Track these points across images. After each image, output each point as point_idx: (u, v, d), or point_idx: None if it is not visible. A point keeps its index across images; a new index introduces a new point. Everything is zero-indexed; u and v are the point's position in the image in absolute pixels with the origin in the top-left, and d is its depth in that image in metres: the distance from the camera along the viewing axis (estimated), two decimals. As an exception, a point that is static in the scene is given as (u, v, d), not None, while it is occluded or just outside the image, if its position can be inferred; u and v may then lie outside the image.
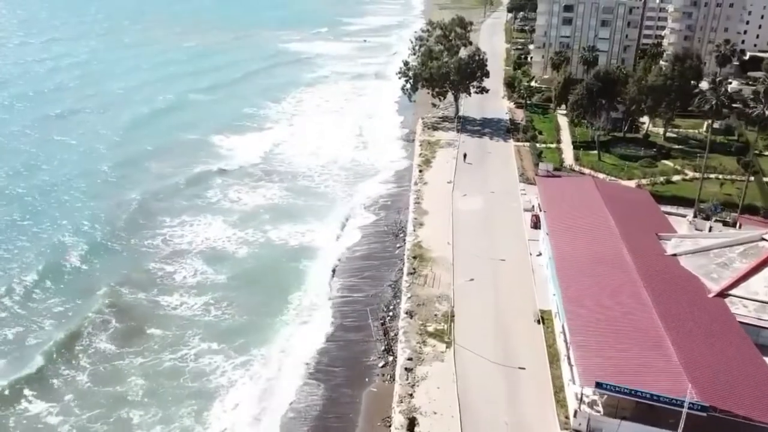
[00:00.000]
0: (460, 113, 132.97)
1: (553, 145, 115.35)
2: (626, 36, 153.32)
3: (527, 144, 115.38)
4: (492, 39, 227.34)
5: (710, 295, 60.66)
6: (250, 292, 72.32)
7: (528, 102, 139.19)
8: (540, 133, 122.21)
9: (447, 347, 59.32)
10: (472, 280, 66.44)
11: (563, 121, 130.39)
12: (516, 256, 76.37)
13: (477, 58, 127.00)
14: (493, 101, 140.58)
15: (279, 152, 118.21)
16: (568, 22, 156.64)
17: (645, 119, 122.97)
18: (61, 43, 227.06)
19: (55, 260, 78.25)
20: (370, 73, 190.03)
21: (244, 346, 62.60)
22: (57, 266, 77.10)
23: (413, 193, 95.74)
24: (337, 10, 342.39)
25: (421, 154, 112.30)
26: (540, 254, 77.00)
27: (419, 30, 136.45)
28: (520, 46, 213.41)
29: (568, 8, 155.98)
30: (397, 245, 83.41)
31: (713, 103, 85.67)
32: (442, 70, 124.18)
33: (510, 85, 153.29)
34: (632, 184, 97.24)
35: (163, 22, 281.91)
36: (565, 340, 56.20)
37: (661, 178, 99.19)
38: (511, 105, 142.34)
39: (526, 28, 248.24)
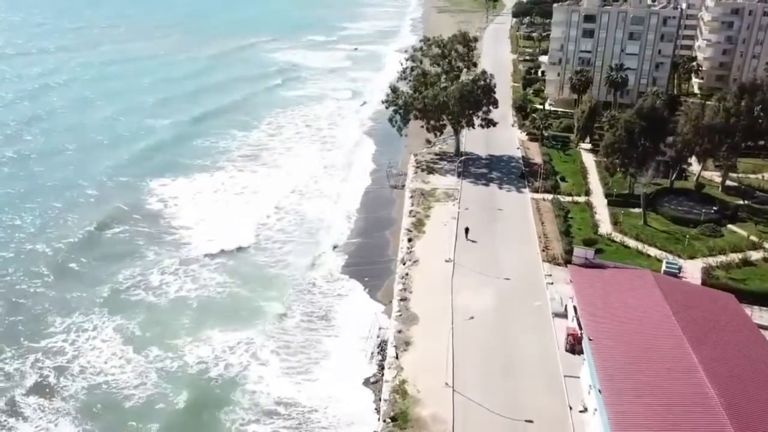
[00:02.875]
0: (462, 149, 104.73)
1: (582, 199, 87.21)
2: (659, 51, 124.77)
3: (548, 197, 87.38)
4: (497, 48, 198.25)
5: None
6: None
7: (545, 135, 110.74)
8: (563, 179, 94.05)
9: None
10: None
11: (589, 160, 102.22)
12: (549, 411, 48.80)
13: (482, 82, 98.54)
14: (501, 130, 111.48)
15: (231, 206, 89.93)
16: (589, 34, 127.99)
17: (692, 160, 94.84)
18: (47, 55, 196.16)
19: None
20: (360, 89, 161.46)
21: None
22: None
23: (399, 279, 67.67)
24: (332, 13, 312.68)
25: (411, 211, 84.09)
26: (585, 410, 49.17)
27: (410, 48, 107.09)
28: (528, 57, 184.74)
29: (589, 18, 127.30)
30: (372, 378, 55.43)
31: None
32: (440, 98, 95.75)
33: (521, 109, 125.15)
34: (697, 266, 69.28)
35: (163, 29, 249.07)
36: None
37: (736, 258, 71.05)
38: (524, 137, 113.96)
39: (534, 35, 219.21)
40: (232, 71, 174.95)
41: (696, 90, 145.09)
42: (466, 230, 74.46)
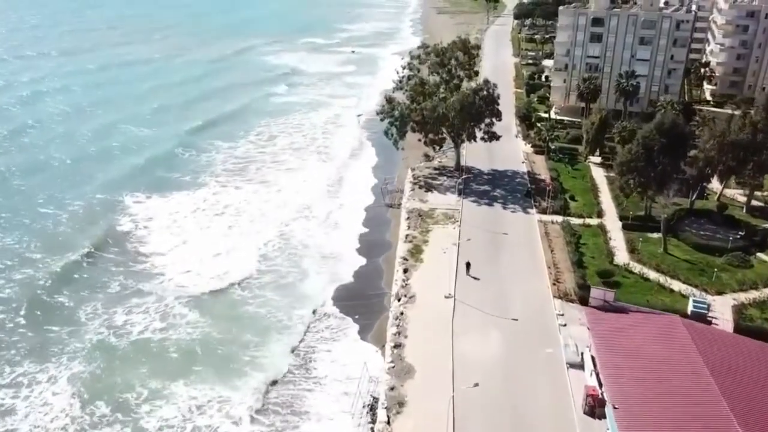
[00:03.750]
0: (463, 163, 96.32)
1: (594, 221, 78.76)
2: (671, 57, 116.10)
3: (557, 219, 78.90)
4: (498, 51, 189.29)
5: None
6: None
7: (551, 147, 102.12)
8: (572, 198, 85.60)
9: None
10: None
11: (599, 175, 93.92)
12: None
13: (485, 92, 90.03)
14: (505, 142, 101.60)
15: (212, 230, 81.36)
16: (597, 39, 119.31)
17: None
18: (41, 60, 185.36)
19: None
20: (357, 95, 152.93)
21: None
22: None
23: (393, 321, 59.30)
24: (332, 15, 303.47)
25: (408, 236, 75.59)
26: (611, 496, 40.87)
27: (407, 55, 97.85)
28: (531, 60, 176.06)
29: (597, 22, 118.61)
30: (358, 450, 47.07)
31: None
32: (439, 110, 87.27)
33: (525, 118, 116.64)
34: (727, 303, 60.90)
35: (162, 30, 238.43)
36: None
37: (771, 293, 62.64)
38: (528, 149, 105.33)
39: (536, 37, 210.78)
40: (229, 77, 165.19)
41: (708, 97, 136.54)
42: (468, 265, 65.51)
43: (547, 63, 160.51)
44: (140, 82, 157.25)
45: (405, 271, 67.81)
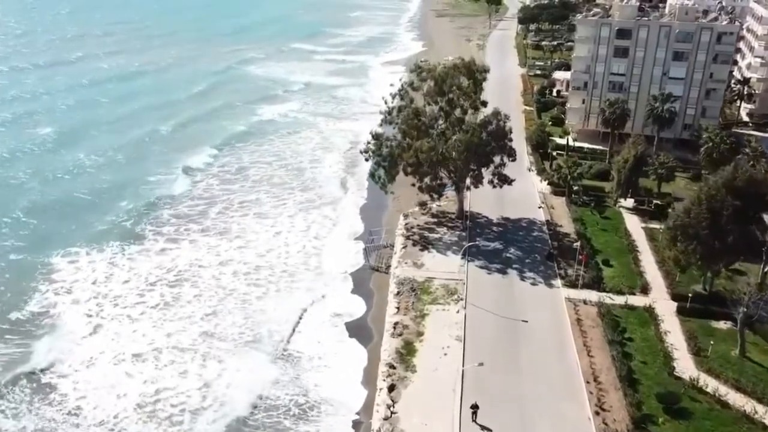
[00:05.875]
0: (466, 209, 76.79)
1: (638, 300, 59.21)
2: (710, 75, 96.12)
3: (590, 297, 59.35)
4: (503, 60, 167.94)
5: None
6: None
7: (573, 187, 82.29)
8: (606, 262, 65.88)
9: None
10: None
11: (635, 227, 74.78)
12: None
13: (493, 126, 70.42)
14: (517, 178, 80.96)
15: (141, 307, 61.63)
16: (622, 53, 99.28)
17: None
18: (29, 73, 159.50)
19: None
20: (343, 114, 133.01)
21: None
22: None
23: (368, 487, 39.99)
24: (334, 19, 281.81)
25: (396, 325, 55.89)
26: None
27: (400, 80, 76.70)
28: (539, 71, 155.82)
29: (623, 33, 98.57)
30: None
31: None
32: (438, 151, 67.56)
33: (538, 146, 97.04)
34: None
35: (160, 38, 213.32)
36: None
37: None
38: (545, 187, 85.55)
39: (544, 43, 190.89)
40: (225, 97, 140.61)
41: (745, 117, 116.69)
42: (474, 411, 44.06)
43: (558, 75, 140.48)
44: (129, 101, 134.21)
45: (391, 388, 48.25)
